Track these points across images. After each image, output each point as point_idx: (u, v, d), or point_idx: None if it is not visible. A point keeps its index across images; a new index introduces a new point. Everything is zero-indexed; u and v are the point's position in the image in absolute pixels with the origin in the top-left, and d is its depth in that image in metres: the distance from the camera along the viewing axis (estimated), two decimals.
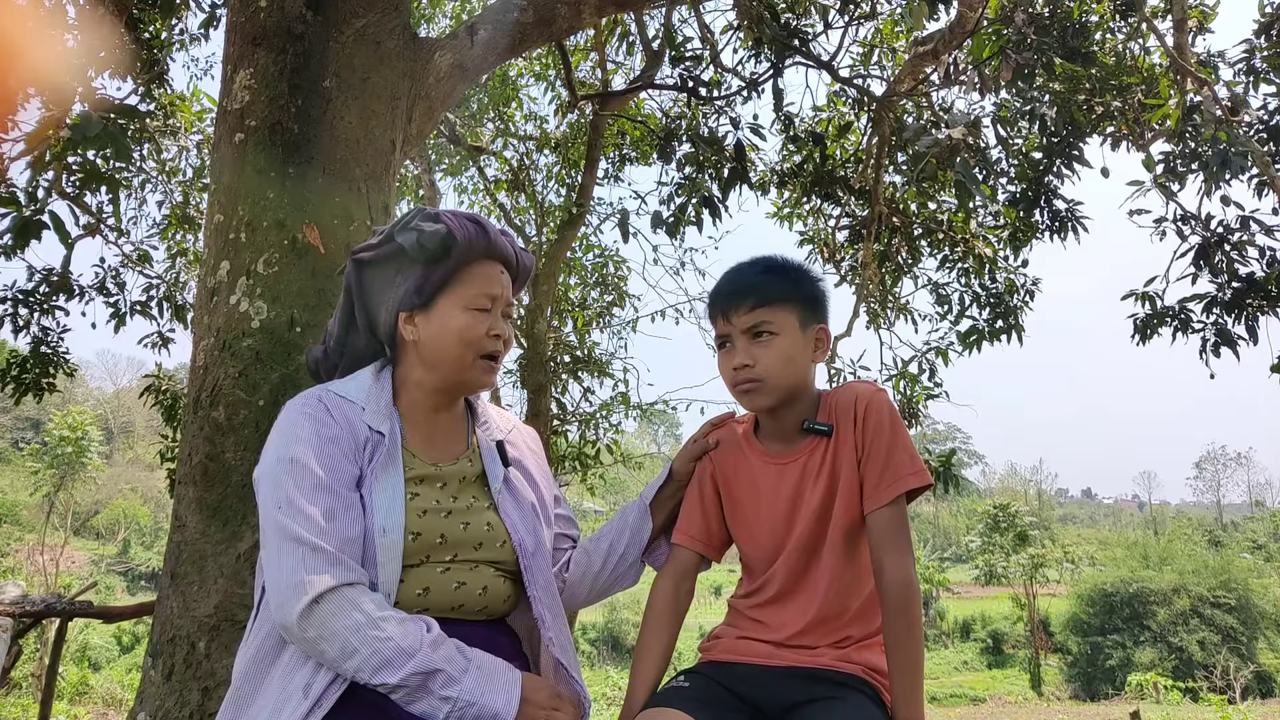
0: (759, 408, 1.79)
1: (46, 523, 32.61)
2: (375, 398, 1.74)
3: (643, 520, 1.96)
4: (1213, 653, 32.30)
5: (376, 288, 1.79)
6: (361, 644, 1.49)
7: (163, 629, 2.65)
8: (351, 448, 1.66)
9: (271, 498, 1.59)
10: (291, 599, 1.50)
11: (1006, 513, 41.74)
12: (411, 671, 1.49)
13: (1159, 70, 6.24)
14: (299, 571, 1.51)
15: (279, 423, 1.68)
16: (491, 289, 1.76)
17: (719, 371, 1.81)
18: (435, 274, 1.73)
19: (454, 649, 1.55)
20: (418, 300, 1.73)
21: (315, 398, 1.71)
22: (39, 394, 7.29)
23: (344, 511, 1.59)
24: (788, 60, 5.29)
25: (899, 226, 7.29)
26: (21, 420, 44.49)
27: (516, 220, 10.29)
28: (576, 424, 9.69)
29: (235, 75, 3.08)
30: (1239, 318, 6.11)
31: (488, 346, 1.75)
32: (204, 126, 7.98)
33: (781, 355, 1.72)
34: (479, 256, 1.76)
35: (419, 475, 1.72)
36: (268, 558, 1.57)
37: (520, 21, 3.75)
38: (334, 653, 1.49)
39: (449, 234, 1.71)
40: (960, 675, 36.56)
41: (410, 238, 1.72)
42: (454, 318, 1.72)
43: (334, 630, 1.49)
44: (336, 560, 1.54)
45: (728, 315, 1.75)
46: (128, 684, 21.32)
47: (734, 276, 1.80)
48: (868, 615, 1.76)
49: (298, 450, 1.61)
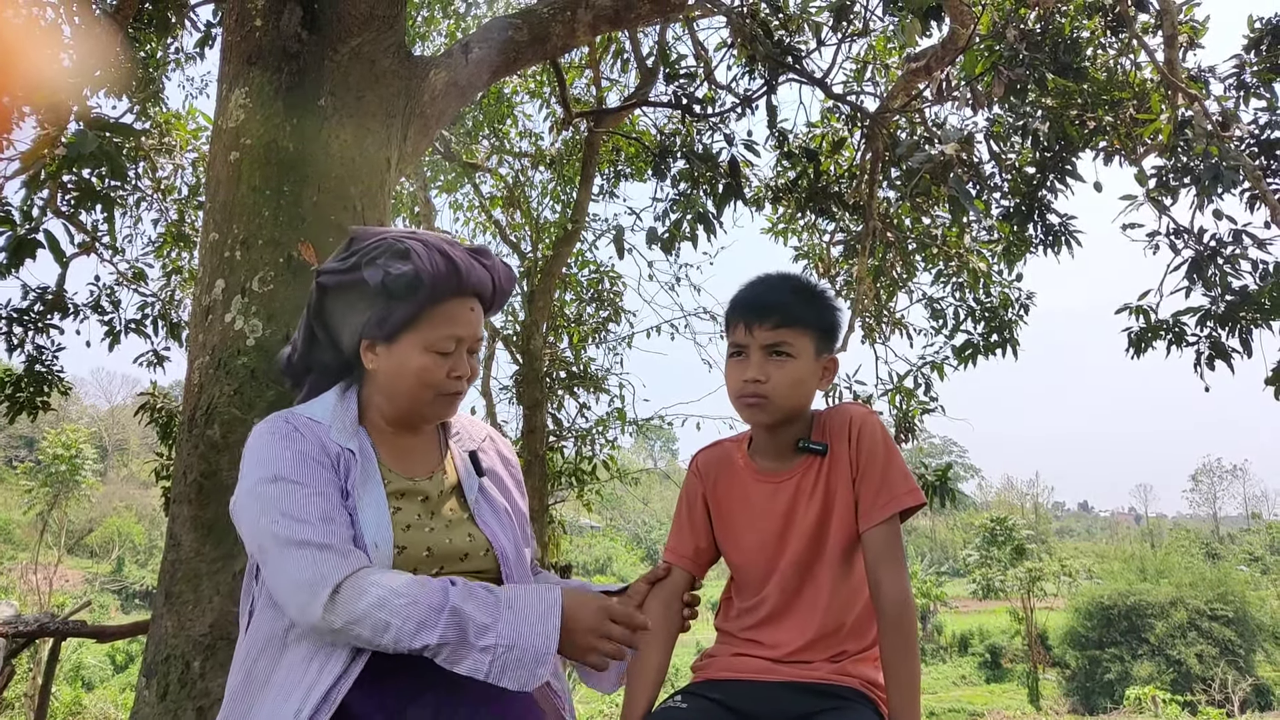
0: (758, 423, 1.79)
1: (40, 541, 32.40)
2: (340, 417, 1.72)
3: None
4: (1211, 666, 32.20)
5: (339, 310, 1.74)
6: (392, 615, 1.48)
7: (157, 648, 2.63)
8: (328, 463, 1.64)
9: (262, 514, 1.57)
10: (310, 599, 1.50)
11: (1003, 526, 41.65)
12: (446, 625, 1.49)
13: (1150, 85, 6.27)
14: (308, 570, 1.51)
15: (250, 449, 1.65)
16: (457, 330, 1.70)
17: (725, 377, 1.80)
18: (399, 311, 1.66)
19: (484, 594, 1.55)
20: (379, 333, 1.68)
21: (281, 419, 1.69)
22: (33, 412, 7.27)
23: (340, 515, 1.59)
24: (781, 77, 5.31)
25: (893, 241, 7.31)
26: (15, 438, 44.31)
27: (512, 236, 10.31)
28: (572, 440, 9.67)
29: (230, 94, 3.08)
30: (1233, 331, 6.13)
31: (448, 387, 1.71)
32: (199, 145, 7.98)
33: (793, 378, 1.73)
34: (448, 296, 1.69)
35: (399, 490, 1.71)
36: (271, 570, 1.56)
37: (514, 40, 3.77)
38: (368, 633, 1.49)
39: (416, 276, 1.64)
40: (958, 690, 36.41)
41: (375, 275, 1.65)
42: (413, 358, 1.68)
43: (362, 611, 1.49)
44: (344, 552, 1.53)
45: (750, 327, 1.74)
46: (122, 704, 21.17)
47: (762, 290, 1.79)
48: (863, 629, 1.77)
49: (279, 469, 1.59)
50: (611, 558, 45.65)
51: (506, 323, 10.07)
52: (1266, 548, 50.53)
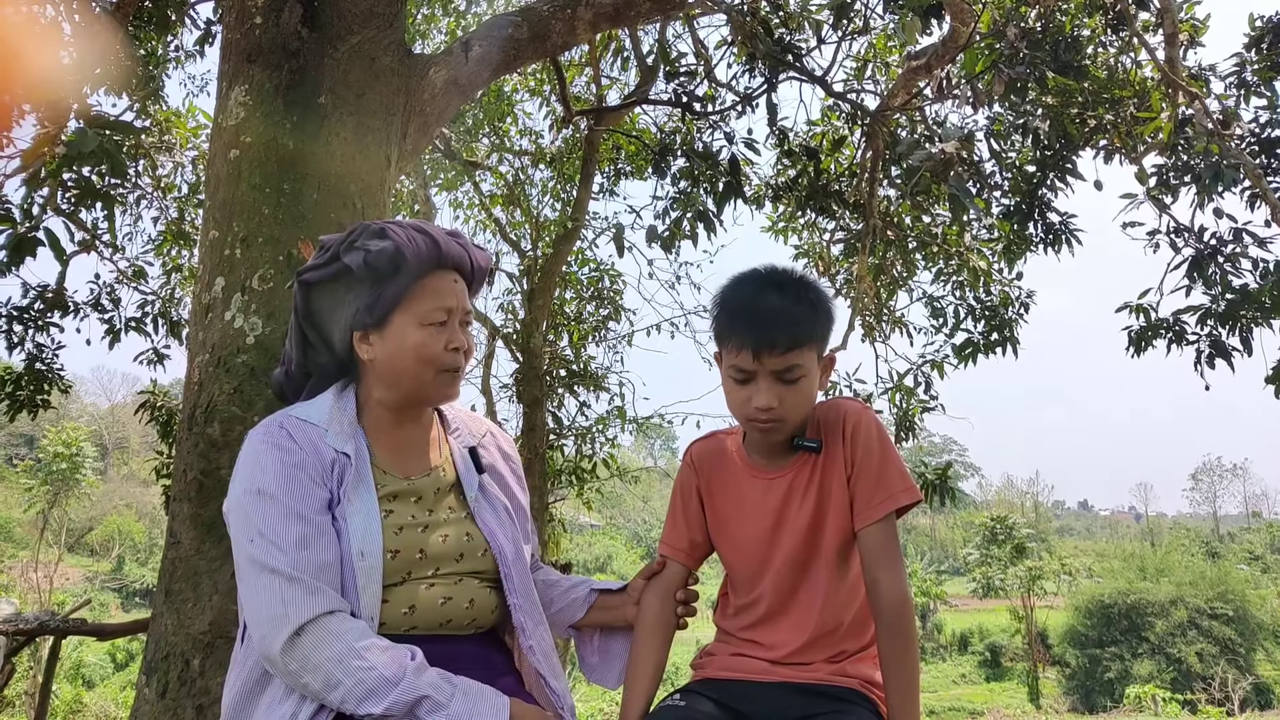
0: (772, 443, 1.76)
1: (40, 539, 32.42)
2: (337, 418, 1.70)
3: (583, 604, 1.95)
4: (1211, 664, 32.20)
5: (326, 308, 1.73)
6: (345, 675, 1.46)
7: (157, 646, 2.63)
8: (319, 472, 1.62)
9: (243, 531, 1.57)
10: (272, 633, 1.49)
11: (1004, 525, 41.66)
12: (396, 699, 1.46)
13: (1151, 84, 6.27)
14: (276, 604, 1.49)
15: (243, 455, 1.65)
16: (446, 301, 1.70)
17: (727, 400, 1.73)
18: (386, 291, 1.66)
19: (438, 675, 1.52)
20: (370, 319, 1.68)
21: (277, 424, 1.67)
22: (34, 411, 7.27)
23: (317, 537, 1.56)
24: (781, 75, 5.30)
25: (893, 240, 7.30)
26: (15, 436, 44.32)
27: (512, 234, 10.31)
28: (572, 438, 9.68)
29: (230, 91, 3.08)
30: (1233, 329, 6.12)
31: (447, 361, 1.70)
32: (199, 143, 7.98)
33: (806, 395, 1.69)
34: (430, 269, 1.69)
35: (392, 491, 1.69)
36: (244, 592, 1.55)
37: (515, 37, 3.76)
38: (317, 685, 1.47)
39: (397, 250, 1.64)
40: (958, 688, 36.43)
41: (356, 257, 1.65)
42: (409, 335, 1.67)
43: (316, 663, 1.47)
44: (314, 589, 1.51)
45: (758, 355, 1.62)
46: (122, 702, 21.17)
47: (764, 308, 1.65)
48: (860, 629, 1.76)
49: (264, 481, 1.58)
50: (611, 556, 45.68)
51: (506, 321, 10.07)
52: (1266, 546, 50.53)
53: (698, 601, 1.90)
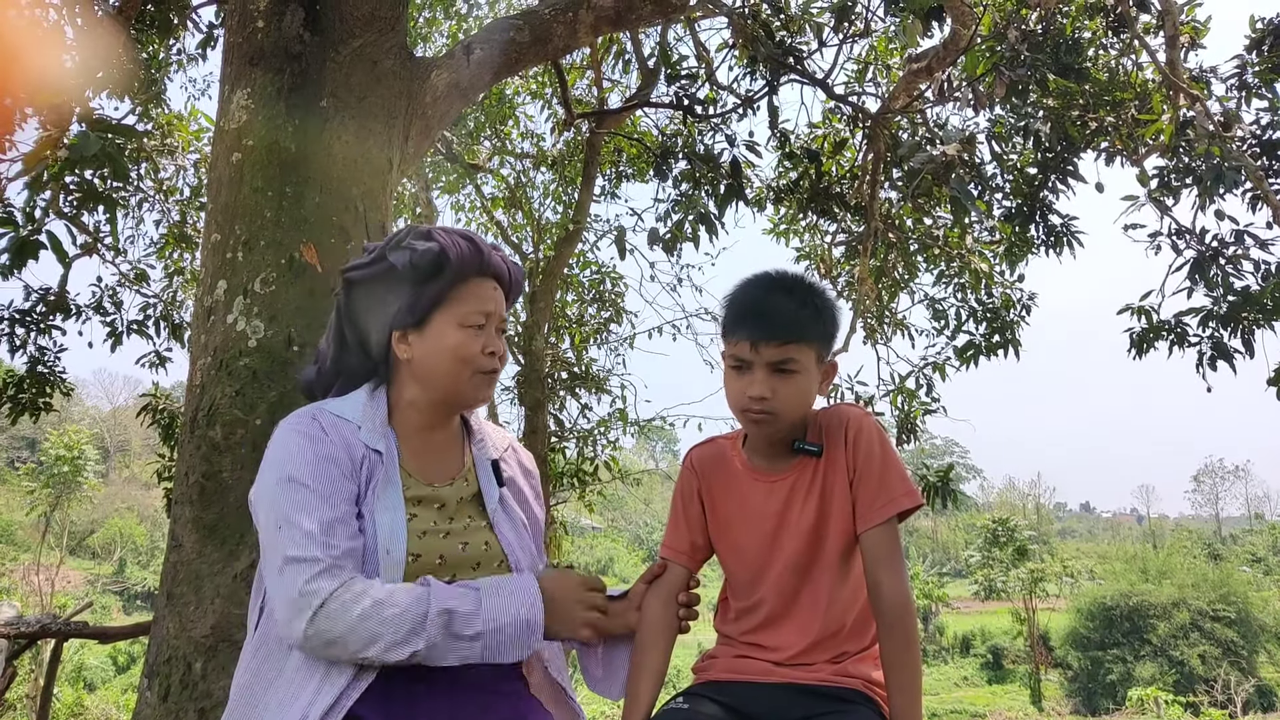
0: (764, 436, 1.77)
1: (42, 542, 32.47)
2: (371, 416, 1.72)
3: None
4: (1213, 666, 32.16)
5: (368, 306, 1.77)
6: (380, 626, 1.50)
7: (159, 649, 2.63)
8: (349, 467, 1.64)
9: (270, 518, 1.58)
10: (297, 615, 1.51)
11: (1005, 527, 41.65)
12: (431, 629, 1.51)
13: (1152, 86, 6.28)
14: (300, 586, 1.51)
15: (274, 442, 1.66)
16: (485, 306, 1.74)
17: (725, 389, 1.76)
18: (428, 292, 1.70)
19: (457, 587, 1.58)
20: (411, 319, 1.71)
21: (309, 416, 1.69)
22: (35, 414, 7.27)
23: (343, 526, 1.58)
24: (783, 78, 5.31)
25: (895, 242, 7.31)
26: (17, 439, 44.36)
27: (514, 237, 10.32)
28: (574, 440, 9.69)
29: (232, 95, 3.09)
30: (1235, 331, 6.12)
31: (484, 364, 1.73)
32: (201, 146, 7.99)
33: (800, 391, 1.70)
34: (472, 274, 1.73)
35: (416, 496, 1.71)
36: (270, 580, 1.57)
37: (516, 41, 3.77)
38: (357, 645, 1.51)
39: (442, 252, 1.69)
40: (960, 691, 36.39)
41: (403, 256, 1.69)
42: (448, 336, 1.70)
43: (348, 626, 1.50)
44: (335, 566, 1.54)
45: (755, 344, 1.67)
46: (123, 705, 21.17)
47: (765, 303, 1.71)
48: (862, 630, 1.76)
49: (294, 469, 1.60)
50: (613, 559, 45.67)
51: (508, 323, 10.06)
52: (1269, 548, 50.49)
53: (699, 604, 1.90)
